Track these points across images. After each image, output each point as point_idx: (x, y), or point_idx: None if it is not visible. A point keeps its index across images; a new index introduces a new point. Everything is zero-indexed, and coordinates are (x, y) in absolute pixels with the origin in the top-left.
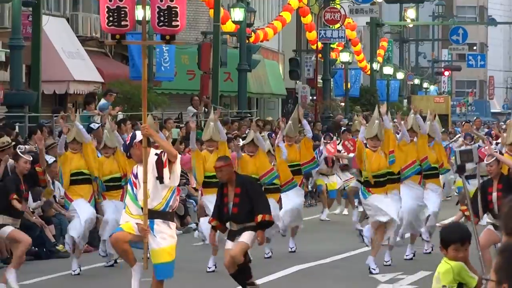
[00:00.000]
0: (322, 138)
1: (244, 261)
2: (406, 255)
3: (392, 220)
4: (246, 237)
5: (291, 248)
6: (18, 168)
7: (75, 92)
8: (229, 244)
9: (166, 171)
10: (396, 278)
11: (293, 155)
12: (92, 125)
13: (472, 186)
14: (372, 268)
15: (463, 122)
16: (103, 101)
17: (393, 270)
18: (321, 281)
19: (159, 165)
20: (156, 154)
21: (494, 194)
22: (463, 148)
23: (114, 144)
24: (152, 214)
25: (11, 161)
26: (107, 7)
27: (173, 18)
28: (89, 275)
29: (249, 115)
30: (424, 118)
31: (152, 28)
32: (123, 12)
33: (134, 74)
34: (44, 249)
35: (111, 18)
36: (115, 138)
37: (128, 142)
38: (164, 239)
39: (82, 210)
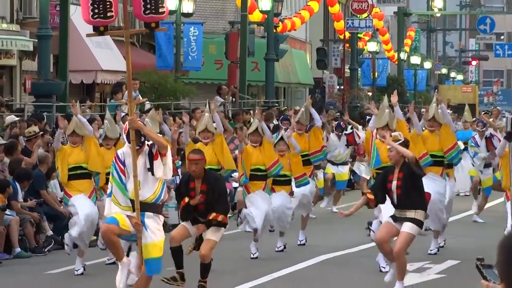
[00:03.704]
0: (334, 129)
1: (210, 262)
2: (431, 250)
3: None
4: (215, 234)
5: (301, 241)
6: None
7: (103, 82)
8: (187, 224)
9: (157, 163)
10: (423, 267)
11: (302, 145)
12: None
13: (486, 175)
14: (382, 266)
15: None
16: None
17: (421, 259)
18: (348, 270)
19: (150, 156)
20: (147, 145)
21: (394, 183)
22: None
23: (115, 135)
24: (143, 206)
25: (40, 150)
26: None
27: (160, 5)
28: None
29: (276, 104)
30: (453, 108)
31: (135, 16)
32: (108, 3)
33: (161, 63)
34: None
35: (96, 10)
36: (116, 128)
37: (126, 132)
38: (155, 233)
39: (81, 206)
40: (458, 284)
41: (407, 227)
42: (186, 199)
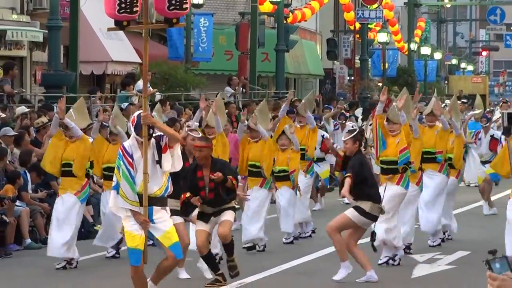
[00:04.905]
0: (337, 119)
1: (231, 240)
2: (448, 236)
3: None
4: (229, 215)
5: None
6: (186, 147)
7: (113, 73)
8: (202, 225)
9: (165, 156)
10: (434, 258)
11: (300, 138)
12: (122, 105)
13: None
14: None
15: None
16: (141, 82)
17: (431, 250)
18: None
19: (158, 149)
20: (154, 138)
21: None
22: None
23: (123, 129)
24: (151, 201)
25: None
26: None
27: (184, 1)
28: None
29: (286, 95)
30: (465, 98)
31: (157, 12)
32: None
33: (172, 54)
34: (83, 229)
35: (123, 5)
36: (123, 122)
37: (134, 124)
38: (165, 223)
39: (54, 213)
40: (469, 275)
41: (346, 211)
42: (187, 194)
